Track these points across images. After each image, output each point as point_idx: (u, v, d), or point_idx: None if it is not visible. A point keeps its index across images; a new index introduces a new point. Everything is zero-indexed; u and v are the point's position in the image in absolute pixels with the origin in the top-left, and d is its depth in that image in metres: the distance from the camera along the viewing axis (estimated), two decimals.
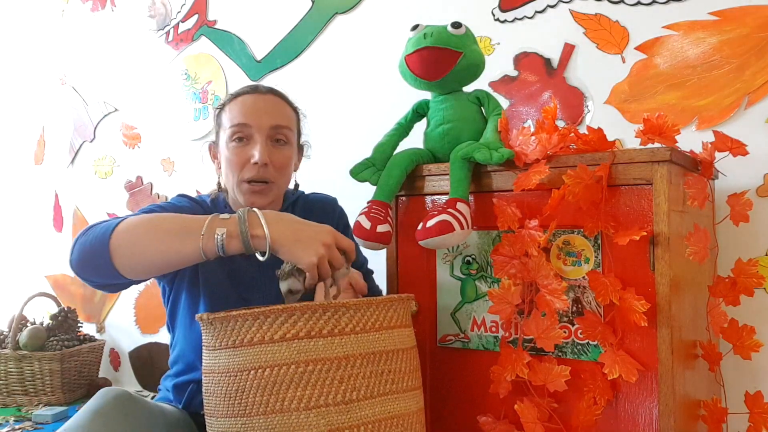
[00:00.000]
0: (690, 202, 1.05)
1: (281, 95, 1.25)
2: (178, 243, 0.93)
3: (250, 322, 0.87)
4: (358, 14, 1.93)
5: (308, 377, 0.85)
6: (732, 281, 1.23)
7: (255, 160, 1.15)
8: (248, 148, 1.17)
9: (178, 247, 0.93)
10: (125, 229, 0.94)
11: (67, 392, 2.21)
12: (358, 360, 0.88)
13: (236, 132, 1.18)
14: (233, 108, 1.20)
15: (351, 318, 0.89)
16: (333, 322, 0.88)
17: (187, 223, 0.95)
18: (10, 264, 2.91)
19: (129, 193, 2.49)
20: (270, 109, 1.20)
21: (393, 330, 0.94)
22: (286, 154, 1.21)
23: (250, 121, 1.17)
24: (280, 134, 1.20)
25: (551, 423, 1.03)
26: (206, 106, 2.28)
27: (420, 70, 1.18)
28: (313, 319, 0.87)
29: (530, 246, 1.03)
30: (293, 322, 0.86)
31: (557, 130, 1.07)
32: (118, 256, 0.93)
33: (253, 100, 1.20)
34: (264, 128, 1.17)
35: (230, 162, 1.18)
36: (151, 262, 0.95)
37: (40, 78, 2.80)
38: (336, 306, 0.88)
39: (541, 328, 1.03)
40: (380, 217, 1.13)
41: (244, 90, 1.23)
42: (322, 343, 0.86)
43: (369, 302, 0.92)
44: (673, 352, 0.96)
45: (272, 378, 0.85)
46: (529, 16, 1.64)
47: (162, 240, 0.93)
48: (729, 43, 1.39)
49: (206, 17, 2.28)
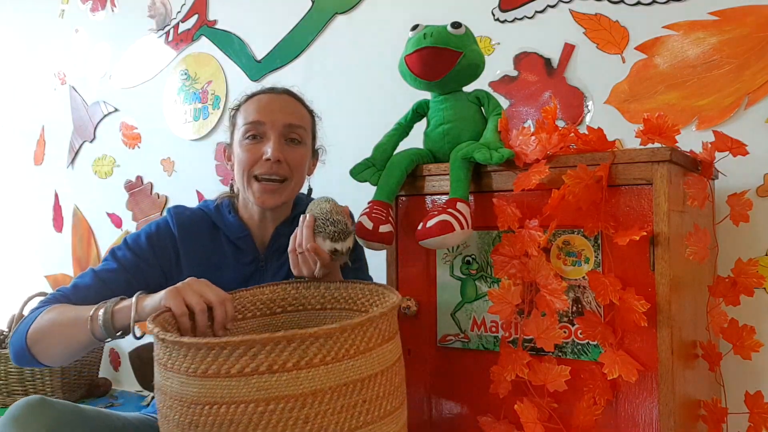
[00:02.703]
0: (690, 202, 1.05)
1: (297, 96, 1.25)
2: (75, 331, 1.01)
3: (205, 352, 0.76)
4: (358, 14, 1.93)
5: (269, 417, 0.76)
6: (732, 281, 1.23)
7: (267, 156, 1.14)
8: (261, 145, 1.16)
9: (76, 337, 1.01)
10: (35, 330, 1.04)
11: (67, 392, 2.21)
12: (327, 395, 0.78)
13: (249, 129, 1.17)
14: (248, 107, 1.20)
15: (321, 347, 0.78)
16: (299, 353, 0.77)
17: (79, 312, 1.02)
18: (10, 264, 2.91)
19: (129, 193, 2.49)
20: (285, 108, 1.20)
21: (372, 352, 0.83)
22: (300, 152, 1.20)
23: (263, 119, 1.17)
24: (294, 133, 1.19)
25: (551, 423, 1.03)
26: (206, 106, 2.28)
27: (420, 70, 1.18)
28: (276, 351, 0.76)
29: (530, 246, 1.03)
30: (253, 354, 0.76)
31: (557, 130, 1.07)
32: (37, 353, 1.05)
33: (268, 98, 1.20)
34: (278, 126, 1.17)
35: (242, 159, 1.17)
36: (62, 353, 1.05)
37: (40, 78, 2.80)
38: (303, 335, 0.77)
39: (541, 328, 1.03)
40: (382, 217, 1.13)
41: (259, 90, 1.24)
42: (285, 378, 0.76)
43: (343, 328, 0.79)
44: (673, 352, 0.96)
45: (228, 416, 0.76)
46: (529, 16, 1.64)
47: (62, 333, 1.03)
48: (729, 43, 1.39)
49: (206, 17, 2.28)
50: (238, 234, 1.22)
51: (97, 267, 1.16)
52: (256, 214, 1.23)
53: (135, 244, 1.19)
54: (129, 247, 1.18)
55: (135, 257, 1.17)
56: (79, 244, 2.64)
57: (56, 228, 2.73)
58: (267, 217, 1.23)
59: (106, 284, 1.12)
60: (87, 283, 1.12)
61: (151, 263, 1.17)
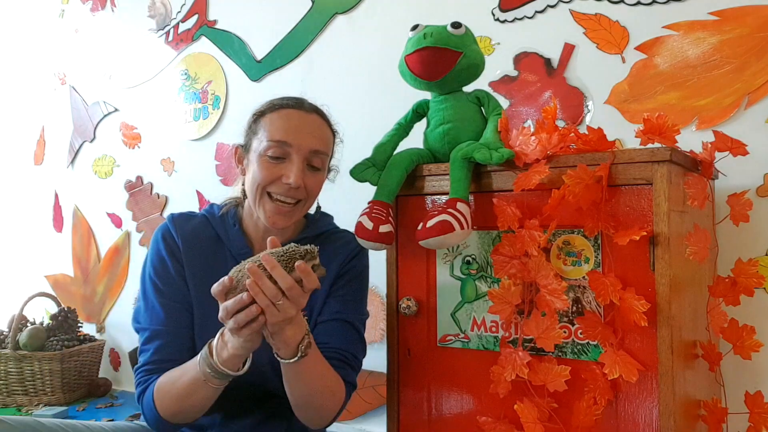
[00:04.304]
0: (690, 202, 1.05)
1: (325, 117, 1.20)
2: (201, 389, 1.00)
3: None
4: (358, 14, 1.93)
5: None
6: (732, 281, 1.23)
7: (288, 182, 1.09)
8: (282, 167, 1.11)
9: (200, 393, 1.01)
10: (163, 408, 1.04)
11: (67, 392, 2.21)
12: None
13: (273, 147, 1.11)
14: (275, 120, 1.13)
15: None
16: None
17: (190, 373, 1.01)
18: (10, 264, 2.91)
19: (129, 193, 2.49)
20: (313, 132, 1.14)
21: None
22: (318, 179, 1.16)
23: (290, 140, 1.11)
24: (317, 159, 1.14)
25: (551, 423, 1.03)
26: (206, 106, 2.28)
27: (420, 70, 1.18)
28: None
29: (530, 246, 1.03)
30: None
31: (557, 130, 1.07)
32: (177, 420, 1.05)
33: (298, 118, 1.14)
34: (303, 150, 1.11)
35: (258, 175, 1.11)
36: (194, 412, 1.05)
37: (40, 78, 2.80)
38: None
39: (541, 328, 1.03)
40: (382, 217, 1.13)
41: (287, 103, 1.16)
42: None
43: None
44: (673, 352, 0.96)
45: None
46: (529, 16, 1.64)
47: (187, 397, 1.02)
48: (729, 43, 1.39)
49: (206, 17, 2.28)
50: (240, 250, 1.17)
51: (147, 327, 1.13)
52: (261, 228, 1.19)
53: (159, 274, 1.17)
54: (158, 278, 1.16)
55: (169, 286, 1.15)
56: (79, 244, 2.64)
57: (56, 228, 2.73)
58: (272, 233, 1.17)
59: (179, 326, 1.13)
60: (163, 340, 1.12)
61: (179, 273, 1.16)
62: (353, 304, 1.19)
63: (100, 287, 2.56)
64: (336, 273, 1.19)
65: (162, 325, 1.12)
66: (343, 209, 1.36)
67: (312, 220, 1.27)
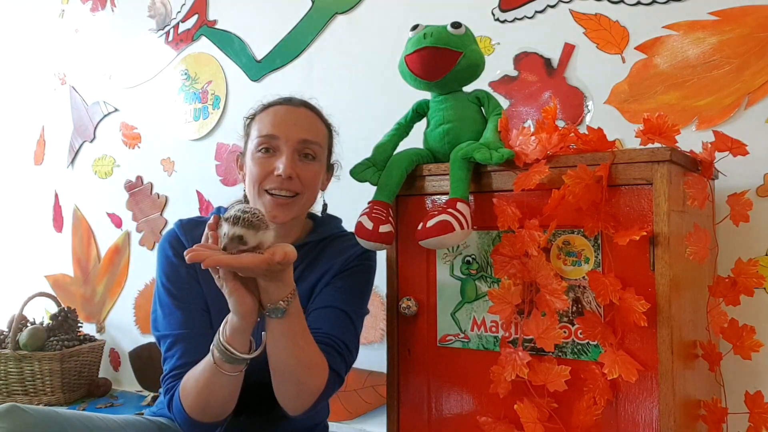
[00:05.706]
0: (690, 202, 1.05)
1: (314, 109, 1.21)
2: (217, 378, 1.00)
3: None
4: (358, 14, 1.93)
5: None
6: (732, 281, 1.23)
7: (279, 173, 1.11)
8: (273, 160, 1.13)
9: (217, 383, 1.01)
10: (188, 406, 1.04)
11: (67, 392, 2.21)
12: None
13: (263, 143, 1.14)
14: (263, 118, 1.16)
15: None
16: None
17: (205, 364, 1.01)
18: (10, 264, 2.91)
19: (129, 193, 2.49)
20: (300, 123, 1.16)
21: None
22: (313, 169, 1.16)
23: (278, 133, 1.13)
24: (308, 149, 1.15)
25: (551, 423, 1.03)
26: (206, 106, 2.28)
27: (420, 70, 1.18)
28: None
29: (530, 246, 1.03)
30: None
31: (557, 130, 1.07)
32: (205, 417, 1.04)
33: (284, 111, 1.17)
34: (292, 141, 1.13)
35: (253, 172, 1.14)
36: (217, 406, 1.03)
37: (40, 78, 2.80)
38: None
39: (541, 328, 1.03)
40: (382, 217, 1.13)
41: (276, 101, 1.20)
42: None
43: None
44: (673, 352, 0.96)
45: None
46: (529, 16, 1.64)
47: (206, 388, 1.02)
48: (729, 43, 1.39)
49: (206, 17, 2.28)
50: None
51: (169, 333, 1.13)
52: None
53: (172, 280, 1.16)
54: (171, 284, 1.16)
55: (183, 290, 1.15)
56: (79, 244, 2.64)
57: (56, 228, 2.73)
58: (277, 233, 1.20)
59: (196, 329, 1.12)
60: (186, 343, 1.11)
61: (191, 275, 1.16)
62: (351, 297, 1.18)
63: (100, 287, 2.57)
64: (339, 268, 1.19)
65: (183, 328, 1.12)
66: (344, 209, 1.36)
67: (319, 223, 1.27)
